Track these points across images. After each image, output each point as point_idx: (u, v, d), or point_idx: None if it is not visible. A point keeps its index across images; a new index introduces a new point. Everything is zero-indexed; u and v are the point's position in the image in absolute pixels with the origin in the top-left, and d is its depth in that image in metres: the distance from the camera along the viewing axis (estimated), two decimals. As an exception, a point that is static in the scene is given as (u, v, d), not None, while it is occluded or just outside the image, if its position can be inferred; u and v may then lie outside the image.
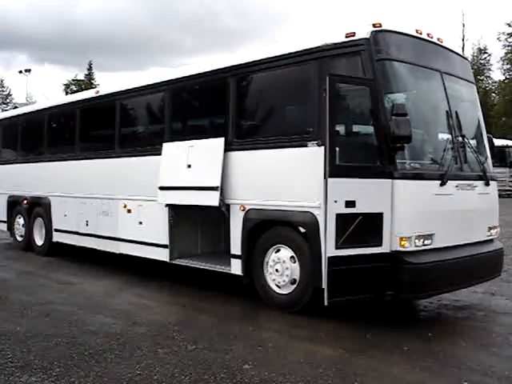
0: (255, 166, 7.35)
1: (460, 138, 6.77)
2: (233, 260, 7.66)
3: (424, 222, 6.25)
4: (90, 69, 72.56)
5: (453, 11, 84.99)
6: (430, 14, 70.96)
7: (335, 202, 5.87)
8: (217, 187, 7.54)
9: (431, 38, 6.98)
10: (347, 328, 6.29)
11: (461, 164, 6.76)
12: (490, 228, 7.25)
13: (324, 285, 6.00)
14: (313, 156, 6.59)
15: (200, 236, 9.11)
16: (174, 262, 8.65)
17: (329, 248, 5.90)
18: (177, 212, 8.58)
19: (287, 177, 6.91)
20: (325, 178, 6.00)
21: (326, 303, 5.94)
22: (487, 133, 7.77)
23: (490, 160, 7.48)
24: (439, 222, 6.39)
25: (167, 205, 8.49)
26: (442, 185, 6.38)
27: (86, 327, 6.27)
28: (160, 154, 8.51)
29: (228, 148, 7.57)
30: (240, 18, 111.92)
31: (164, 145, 8.51)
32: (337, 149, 5.91)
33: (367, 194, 6.02)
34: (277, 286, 7.13)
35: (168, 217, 8.58)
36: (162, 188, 8.42)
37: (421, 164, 6.40)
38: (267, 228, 7.25)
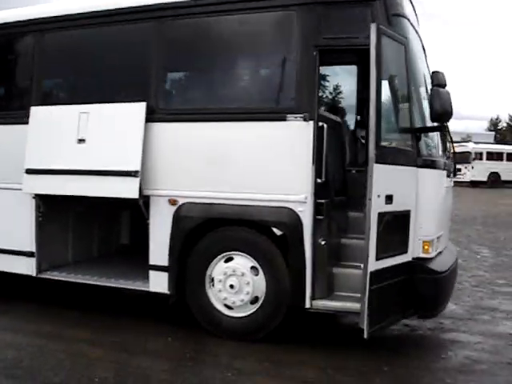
0: (196, 144, 5.31)
1: None
2: (153, 273, 5.51)
3: (440, 221, 5.08)
4: None
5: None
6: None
7: (378, 196, 4.33)
8: (136, 172, 5.33)
9: None
10: (353, 359, 4.81)
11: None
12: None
13: (362, 310, 4.39)
14: (296, 134, 4.94)
15: (72, 239, 6.65)
16: (42, 276, 6.11)
17: (371, 260, 4.33)
18: (49, 206, 6.06)
19: (252, 160, 5.10)
20: (368, 164, 4.38)
21: (365, 335, 4.36)
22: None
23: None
24: (444, 219, 5.30)
25: (36, 195, 5.93)
26: (448, 176, 5.28)
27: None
28: (26, 123, 5.86)
29: (151, 118, 5.39)
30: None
31: (33, 109, 5.86)
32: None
33: (401, 186, 4.60)
34: (227, 306, 5.29)
35: (36, 213, 6.00)
36: (30, 171, 5.79)
37: (431, 150, 5.20)
38: (212, 229, 5.35)
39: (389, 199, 4.44)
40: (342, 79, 7.74)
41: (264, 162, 5.06)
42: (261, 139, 5.08)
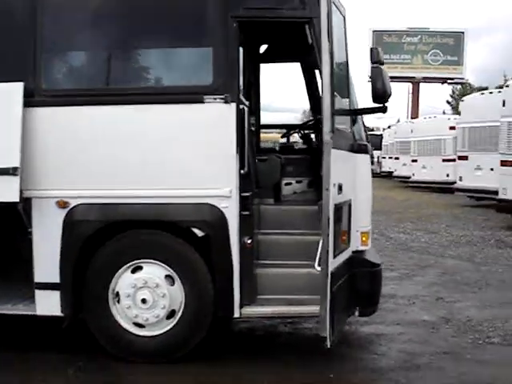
0: (91, 132, 4.39)
1: None
2: (41, 293, 4.48)
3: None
4: None
5: None
6: None
7: (334, 185, 3.81)
8: (14, 169, 4.26)
9: None
10: (291, 369, 4.27)
11: None
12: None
13: (323, 316, 3.78)
14: (216, 118, 4.29)
15: None
16: None
17: (330, 258, 3.78)
18: None
19: (164, 150, 4.33)
20: (324, 149, 3.78)
21: (328, 344, 3.80)
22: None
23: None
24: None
25: None
26: (372, 163, 4.99)
27: None
28: None
29: (31, 101, 4.33)
30: None
31: None
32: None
33: (346, 173, 4.16)
34: (137, 325, 4.46)
35: None
36: None
37: (361, 133, 4.83)
38: (115, 234, 4.47)
39: (340, 189, 3.98)
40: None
41: (179, 152, 4.32)
42: (173, 125, 4.34)
